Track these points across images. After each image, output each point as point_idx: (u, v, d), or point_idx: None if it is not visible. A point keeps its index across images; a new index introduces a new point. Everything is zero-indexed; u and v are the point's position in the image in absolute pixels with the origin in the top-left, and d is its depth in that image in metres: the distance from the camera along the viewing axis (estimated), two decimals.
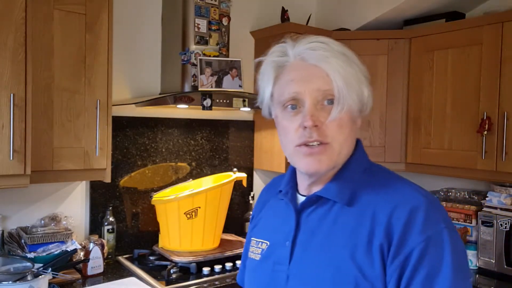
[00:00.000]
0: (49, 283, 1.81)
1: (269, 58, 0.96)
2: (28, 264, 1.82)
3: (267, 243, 0.98)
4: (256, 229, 1.07)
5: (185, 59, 2.35)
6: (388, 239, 0.81)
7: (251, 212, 2.82)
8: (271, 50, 0.97)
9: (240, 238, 2.61)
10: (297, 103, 0.89)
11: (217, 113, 2.75)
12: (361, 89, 0.89)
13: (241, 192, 2.85)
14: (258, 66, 0.99)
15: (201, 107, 2.23)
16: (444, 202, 2.64)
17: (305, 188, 0.96)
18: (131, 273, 2.13)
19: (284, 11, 2.84)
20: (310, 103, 0.87)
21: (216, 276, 2.12)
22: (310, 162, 0.88)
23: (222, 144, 2.80)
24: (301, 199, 0.96)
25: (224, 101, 2.30)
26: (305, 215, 0.93)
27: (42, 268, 1.78)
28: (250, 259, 1.03)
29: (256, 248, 1.01)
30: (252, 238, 1.05)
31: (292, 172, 1.02)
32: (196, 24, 2.36)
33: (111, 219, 2.32)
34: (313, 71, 0.88)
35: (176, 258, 2.20)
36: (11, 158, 1.70)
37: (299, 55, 0.91)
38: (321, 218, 0.90)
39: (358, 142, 0.96)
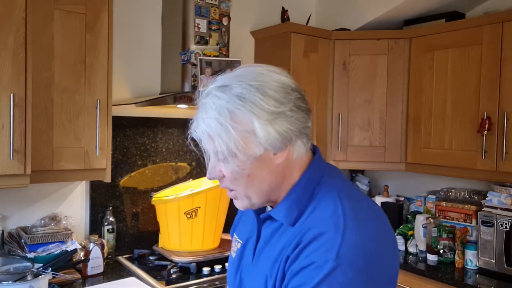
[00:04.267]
0: (49, 283, 1.81)
1: None
2: (28, 264, 1.82)
3: (240, 243, 1.06)
4: (238, 226, 1.15)
5: (185, 59, 2.35)
6: (292, 253, 0.87)
7: None
8: None
9: None
10: None
11: None
12: (224, 146, 0.89)
13: None
14: None
15: None
16: (444, 202, 2.65)
17: None
18: (131, 273, 2.13)
19: (284, 11, 2.84)
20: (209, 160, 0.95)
21: (216, 276, 2.12)
22: (234, 202, 0.98)
23: None
24: (268, 208, 1.01)
25: None
26: (265, 225, 0.99)
27: (42, 268, 1.78)
28: (230, 255, 1.12)
29: (234, 246, 1.09)
30: (234, 234, 1.13)
31: None
32: (196, 24, 2.36)
33: (111, 219, 2.32)
34: None
35: (176, 258, 2.20)
36: (11, 158, 1.70)
37: None
38: (273, 232, 0.96)
39: (315, 152, 0.98)
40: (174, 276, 2.09)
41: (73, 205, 2.30)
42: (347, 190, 0.95)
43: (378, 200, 2.90)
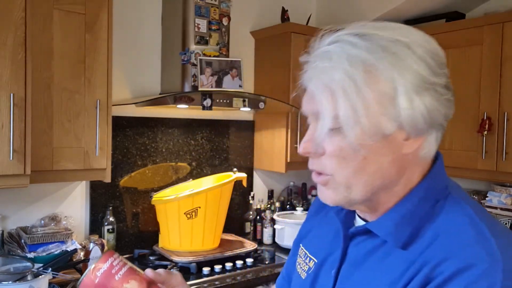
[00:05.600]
0: (49, 283, 1.81)
1: None
2: (28, 264, 1.82)
3: (314, 261, 0.84)
4: (307, 237, 0.92)
5: (185, 59, 2.35)
6: None
7: (251, 212, 2.82)
8: None
9: (240, 238, 2.61)
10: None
11: (217, 113, 2.74)
12: (358, 105, 0.64)
13: (241, 192, 2.85)
14: None
15: (201, 107, 2.23)
16: None
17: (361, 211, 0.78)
18: None
19: (284, 11, 2.84)
20: (309, 126, 0.71)
21: (216, 276, 2.12)
22: (319, 191, 0.73)
23: (222, 144, 2.80)
24: (358, 221, 0.79)
25: (224, 101, 2.30)
26: (354, 242, 0.76)
27: (42, 268, 1.78)
28: (296, 273, 0.89)
29: (304, 263, 0.87)
30: (301, 246, 0.91)
31: None
32: (196, 24, 2.36)
33: (111, 219, 2.32)
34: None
35: (176, 258, 2.20)
36: (11, 158, 1.70)
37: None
38: (369, 252, 0.73)
39: (437, 159, 0.73)
40: None
41: (73, 205, 2.30)
42: (476, 204, 0.72)
43: None
